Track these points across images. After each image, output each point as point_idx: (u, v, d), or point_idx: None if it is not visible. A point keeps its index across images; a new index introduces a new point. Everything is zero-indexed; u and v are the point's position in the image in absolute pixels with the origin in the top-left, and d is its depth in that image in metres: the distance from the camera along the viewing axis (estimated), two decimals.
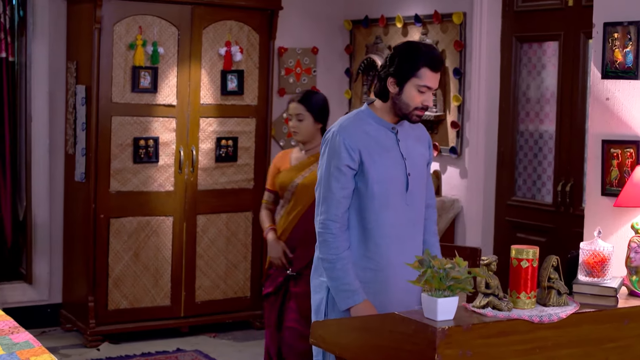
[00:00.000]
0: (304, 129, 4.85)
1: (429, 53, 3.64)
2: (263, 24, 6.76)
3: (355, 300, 3.63)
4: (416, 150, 3.79)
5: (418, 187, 3.77)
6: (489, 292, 3.22)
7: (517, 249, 3.28)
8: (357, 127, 3.71)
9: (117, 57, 6.25)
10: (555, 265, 3.37)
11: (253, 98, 6.76)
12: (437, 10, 6.66)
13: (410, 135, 3.78)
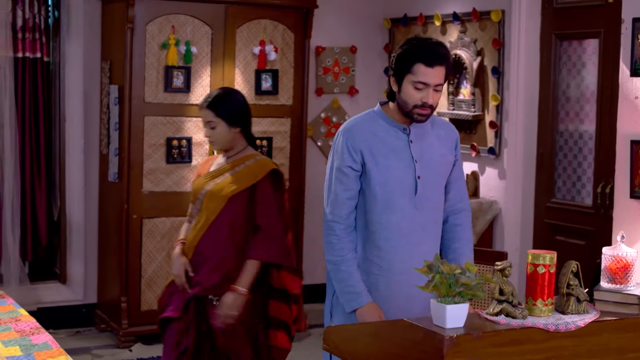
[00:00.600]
0: (217, 137, 4.28)
1: (423, 47, 3.46)
2: (298, 23, 6.68)
3: (360, 303, 3.54)
4: (435, 151, 3.62)
5: (432, 191, 3.62)
6: (503, 299, 3.09)
7: (533, 254, 3.15)
8: (364, 127, 3.59)
9: (149, 57, 6.22)
10: (575, 271, 3.23)
11: (288, 98, 6.68)
12: (475, 7, 6.52)
13: (430, 135, 3.63)
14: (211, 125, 4.26)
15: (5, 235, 6.40)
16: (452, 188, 3.71)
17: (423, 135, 3.61)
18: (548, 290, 3.15)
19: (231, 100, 4.30)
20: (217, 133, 4.26)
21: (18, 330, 4.46)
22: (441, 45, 3.52)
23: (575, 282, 3.23)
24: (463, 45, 6.63)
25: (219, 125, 4.24)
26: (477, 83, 6.52)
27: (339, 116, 7.45)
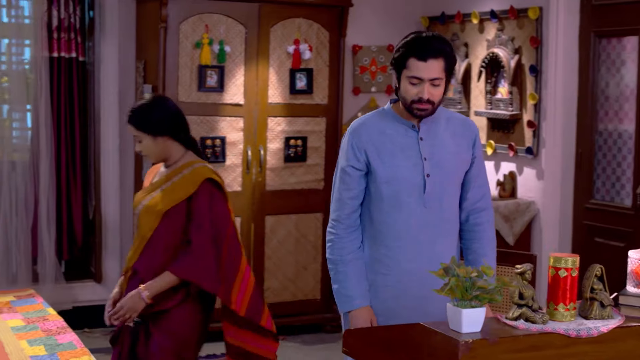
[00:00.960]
0: (147, 150, 3.93)
1: (416, 41, 3.40)
2: (333, 21, 6.62)
3: (352, 306, 3.52)
4: (447, 149, 3.53)
5: (444, 189, 3.52)
6: (522, 303, 3.01)
7: (555, 257, 3.06)
8: (371, 125, 3.53)
9: (183, 56, 6.21)
10: (599, 274, 3.14)
11: (323, 97, 6.63)
12: (513, 5, 6.41)
13: (443, 132, 3.54)
14: (137, 139, 3.96)
15: (41, 234, 6.43)
16: (471, 187, 3.61)
17: (435, 132, 3.53)
18: (570, 295, 3.06)
19: (150, 110, 3.90)
20: (144, 147, 3.93)
21: (44, 330, 4.47)
22: (437, 38, 3.42)
23: (600, 287, 3.14)
24: (500, 44, 6.53)
25: (144, 139, 3.90)
26: (514, 82, 6.41)
27: None
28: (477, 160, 3.61)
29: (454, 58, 3.45)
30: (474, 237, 3.61)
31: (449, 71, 3.44)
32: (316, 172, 6.64)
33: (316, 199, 6.67)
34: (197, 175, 3.90)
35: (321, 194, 6.65)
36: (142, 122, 3.89)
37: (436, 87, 3.39)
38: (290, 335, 6.65)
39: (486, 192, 3.64)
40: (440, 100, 3.45)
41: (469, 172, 3.59)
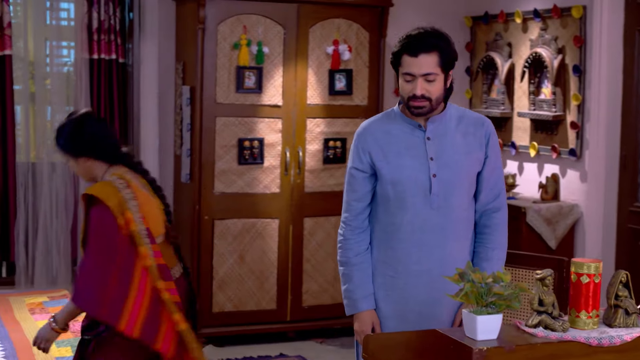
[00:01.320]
0: (78, 172, 3.81)
1: (407, 37, 3.35)
2: (373, 22, 6.55)
3: (356, 309, 3.50)
4: (457, 148, 3.43)
5: (452, 190, 3.43)
6: (542, 310, 2.92)
7: (576, 262, 2.96)
8: (377, 126, 3.49)
9: (221, 57, 6.19)
10: (624, 281, 3.03)
11: (362, 98, 6.56)
12: (556, 4, 6.28)
13: (454, 131, 3.45)
14: (67, 162, 3.81)
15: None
16: (483, 187, 3.51)
17: (445, 131, 3.45)
18: (593, 302, 2.96)
19: (67, 130, 3.72)
20: (75, 169, 3.78)
21: (73, 331, 4.49)
22: (431, 33, 3.36)
23: (625, 293, 3.03)
24: (544, 43, 6.40)
25: (70, 161, 3.74)
26: (558, 82, 6.28)
27: None
28: (491, 159, 3.50)
29: (450, 52, 3.38)
30: (480, 240, 3.53)
31: (446, 66, 3.36)
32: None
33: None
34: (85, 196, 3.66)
35: None
36: (63, 145, 3.73)
37: (431, 82, 3.34)
38: (329, 338, 6.60)
39: (500, 193, 3.53)
40: (441, 97, 3.39)
41: (482, 172, 3.49)
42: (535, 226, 6.14)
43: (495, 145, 3.51)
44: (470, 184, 3.49)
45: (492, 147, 3.50)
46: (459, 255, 3.44)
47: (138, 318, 3.51)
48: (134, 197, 3.62)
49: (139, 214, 3.60)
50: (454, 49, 3.42)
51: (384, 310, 3.50)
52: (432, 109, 3.38)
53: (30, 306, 4.96)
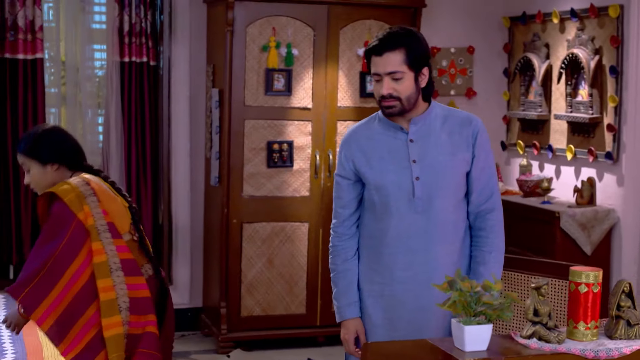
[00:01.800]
0: (38, 179, 3.75)
1: (377, 38, 3.32)
2: (405, 23, 6.42)
3: (342, 316, 3.47)
4: (442, 149, 3.34)
5: (437, 192, 3.33)
6: (536, 321, 2.80)
7: (574, 271, 2.84)
8: (360, 132, 3.45)
9: (250, 60, 6.14)
10: (627, 290, 2.90)
11: None
12: (593, 3, 6.11)
13: (438, 132, 3.36)
14: (25, 168, 3.75)
15: None
16: (473, 188, 3.40)
17: (428, 133, 3.36)
18: (592, 312, 2.84)
19: (46, 139, 3.74)
20: (34, 175, 3.72)
21: None
22: (398, 31, 3.32)
23: (628, 304, 2.90)
24: (580, 44, 6.23)
25: (31, 167, 3.71)
26: (594, 84, 6.11)
27: None
28: (479, 159, 3.39)
29: (419, 50, 3.30)
30: (476, 244, 3.42)
31: (415, 63, 3.28)
32: None
33: None
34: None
35: None
36: (33, 150, 3.71)
37: (398, 81, 3.27)
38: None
39: (493, 194, 3.42)
40: (414, 96, 3.30)
41: (471, 173, 3.39)
42: (569, 231, 5.98)
43: (484, 144, 3.40)
44: (457, 185, 3.38)
45: (480, 146, 3.38)
46: (447, 260, 3.34)
47: (52, 314, 3.49)
48: (93, 193, 3.61)
49: (98, 209, 3.57)
50: (424, 46, 3.34)
51: (374, 317, 3.42)
52: (404, 108, 3.31)
53: None
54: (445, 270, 3.23)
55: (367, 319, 3.44)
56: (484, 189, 3.39)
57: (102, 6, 6.56)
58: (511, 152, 7.18)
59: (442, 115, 3.40)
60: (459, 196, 3.39)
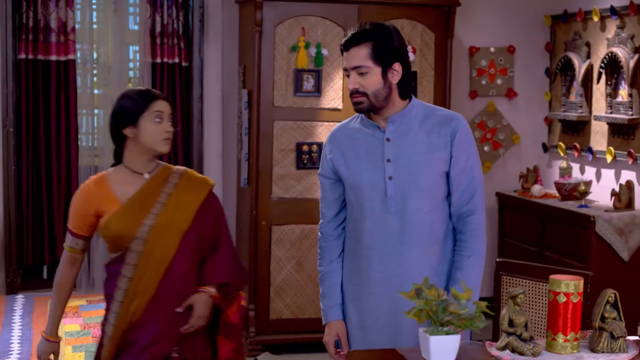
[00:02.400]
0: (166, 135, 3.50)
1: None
2: (439, 22, 6.30)
3: (326, 319, 3.44)
4: (418, 149, 3.21)
5: (410, 192, 3.20)
6: (511, 332, 2.67)
7: (553, 279, 2.71)
8: (341, 131, 3.36)
9: (279, 60, 6.07)
10: (612, 301, 2.75)
11: (428, 101, 6.31)
12: (633, 0, 5.90)
13: (417, 131, 3.23)
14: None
15: None
16: (454, 189, 3.25)
17: (406, 131, 3.24)
18: (572, 323, 2.70)
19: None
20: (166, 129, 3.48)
21: (95, 336, 4.46)
22: (367, 26, 3.21)
23: (613, 315, 2.76)
24: (620, 42, 6.02)
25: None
26: (634, 83, 5.90)
27: (495, 120, 6.99)
28: (459, 159, 3.22)
29: (387, 44, 3.19)
30: (457, 248, 3.27)
31: (382, 58, 3.17)
32: None
33: None
34: (199, 180, 3.58)
35: None
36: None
37: (363, 75, 3.18)
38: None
39: (474, 196, 3.24)
40: (382, 92, 3.19)
41: (450, 173, 3.24)
42: (605, 236, 5.78)
43: (465, 143, 3.23)
44: (434, 185, 3.24)
45: (460, 145, 3.22)
46: (423, 263, 3.21)
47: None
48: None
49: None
50: (396, 41, 3.22)
51: (354, 320, 3.36)
52: (372, 104, 3.21)
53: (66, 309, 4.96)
54: (421, 274, 3.12)
55: (348, 322, 3.38)
56: (465, 191, 3.24)
57: (135, 7, 6.56)
58: (552, 154, 6.99)
59: (422, 114, 3.27)
60: (436, 197, 3.25)
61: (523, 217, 6.65)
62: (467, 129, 3.26)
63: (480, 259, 3.22)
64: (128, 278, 3.34)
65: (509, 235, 6.85)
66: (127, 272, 3.34)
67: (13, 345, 4.31)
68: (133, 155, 3.42)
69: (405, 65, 3.26)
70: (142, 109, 3.38)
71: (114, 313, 3.35)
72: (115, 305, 3.35)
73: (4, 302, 5.10)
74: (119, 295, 3.35)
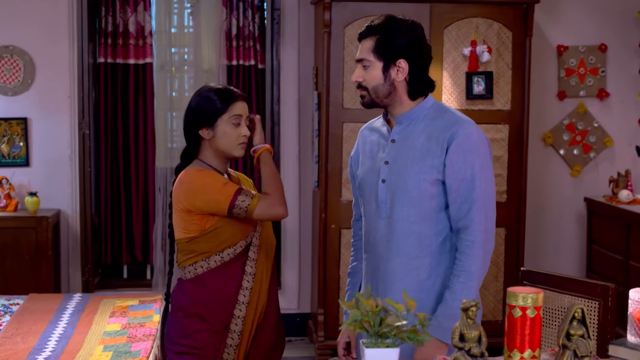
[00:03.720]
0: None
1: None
2: (517, 20, 6.06)
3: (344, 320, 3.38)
4: (415, 153, 3.05)
5: (403, 198, 3.05)
6: (460, 347, 2.52)
7: (510, 292, 2.53)
8: (365, 130, 3.35)
9: (348, 62, 5.98)
10: (579, 317, 2.55)
11: (505, 102, 6.10)
12: None
13: (420, 133, 3.07)
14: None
15: None
16: (451, 200, 3.04)
17: (410, 133, 3.10)
18: (530, 340, 2.52)
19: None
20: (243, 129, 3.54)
21: (130, 336, 4.50)
22: (378, 19, 3.13)
23: (580, 332, 2.56)
24: None
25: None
26: None
27: (585, 122, 6.67)
28: (456, 168, 3.01)
29: (393, 38, 3.07)
30: (454, 266, 3.06)
31: (385, 53, 3.07)
32: (497, 183, 6.11)
33: (498, 212, 6.09)
34: (248, 180, 3.68)
35: (503, 207, 6.12)
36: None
37: (366, 69, 3.10)
38: None
39: (471, 209, 3.00)
40: (381, 88, 3.09)
41: (447, 182, 3.03)
42: None
43: (463, 151, 3.01)
44: (423, 194, 3.05)
45: (456, 153, 3.01)
46: (409, 275, 3.07)
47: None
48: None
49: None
50: (402, 37, 3.10)
51: None
52: (372, 100, 3.12)
53: (115, 309, 5.02)
54: (406, 286, 2.99)
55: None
56: (463, 203, 3.02)
57: (211, 10, 6.61)
58: None
59: (430, 117, 3.11)
60: (427, 207, 3.05)
61: (610, 224, 6.33)
62: (469, 137, 3.02)
63: (471, 279, 2.98)
64: (252, 275, 3.39)
65: (597, 243, 6.53)
66: (250, 268, 3.39)
67: (50, 342, 4.39)
68: (210, 156, 3.44)
69: (416, 64, 3.12)
70: (221, 111, 3.38)
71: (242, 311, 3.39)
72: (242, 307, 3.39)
73: (59, 300, 5.21)
74: (244, 296, 3.39)
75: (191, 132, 3.48)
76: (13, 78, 6.26)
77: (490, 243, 3.02)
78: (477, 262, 2.98)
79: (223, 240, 3.35)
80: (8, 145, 6.28)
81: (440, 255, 3.07)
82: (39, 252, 6.02)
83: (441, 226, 3.07)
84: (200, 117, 3.43)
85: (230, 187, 3.31)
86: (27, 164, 6.31)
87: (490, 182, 3.06)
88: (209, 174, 3.35)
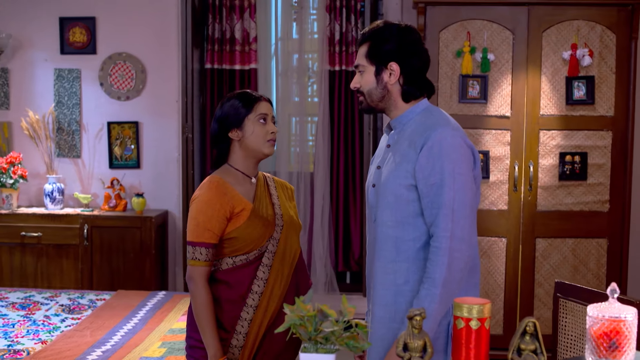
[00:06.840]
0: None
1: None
2: (621, 22, 5.81)
3: None
4: (396, 158, 3.00)
5: (386, 203, 3.00)
6: (402, 356, 2.46)
7: (456, 303, 2.45)
8: (383, 136, 3.26)
9: (443, 66, 5.92)
10: (530, 331, 2.44)
11: (608, 108, 5.86)
12: None
13: (405, 138, 3.02)
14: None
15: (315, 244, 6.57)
16: (423, 205, 2.95)
17: (400, 139, 3.05)
18: (476, 353, 2.43)
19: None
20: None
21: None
22: (376, 24, 3.08)
23: (531, 347, 2.45)
24: None
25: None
26: None
27: None
28: (425, 173, 2.92)
29: (384, 42, 3.01)
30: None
31: (376, 57, 3.02)
32: (599, 192, 5.89)
33: (599, 222, 5.91)
34: (285, 184, 3.67)
35: (605, 217, 5.89)
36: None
37: (361, 74, 3.07)
38: None
39: (438, 215, 2.90)
40: (375, 92, 3.05)
41: (418, 187, 2.94)
42: None
43: (433, 156, 2.90)
44: (399, 199, 2.98)
45: (425, 158, 2.92)
46: (386, 280, 3.02)
47: None
48: None
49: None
50: (393, 40, 3.03)
51: None
52: (368, 105, 3.09)
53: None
54: (384, 289, 2.98)
55: None
56: (432, 208, 2.92)
57: (315, 16, 6.68)
58: None
59: (419, 121, 3.04)
60: (403, 212, 2.98)
61: None
62: (441, 142, 2.91)
63: (435, 286, 2.87)
64: (264, 280, 3.40)
65: None
66: (262, 274, 3.40)
67: (115, 337, 4.57)
68: (241, 159, 3.47)
69: (409, 66, 3.07)
70: (247, 111, 3.45)
71: (249, 314, 3.42)
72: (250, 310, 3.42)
73: (142, 298, 5.39)
74: (252, 300, 3.41)
75: (220, 137, 3.53)
76: (126, 84, 6.55)
77: (459, 251, 2.90)
78: (441, 269, 2.87)
79: (236, 248, 3.39)
80: (120, 148, 6.57)
81: (418, 261, 2.99)
82: (142, 250, 6.27)
83: (419, 232, 2.99)
84: (228, 120, 3.49)
85: (206, 233, 3.32)
86: (138, 166, 6.59)
87: (464, 188, 2.91)
88: (208, 200, 3.36)
